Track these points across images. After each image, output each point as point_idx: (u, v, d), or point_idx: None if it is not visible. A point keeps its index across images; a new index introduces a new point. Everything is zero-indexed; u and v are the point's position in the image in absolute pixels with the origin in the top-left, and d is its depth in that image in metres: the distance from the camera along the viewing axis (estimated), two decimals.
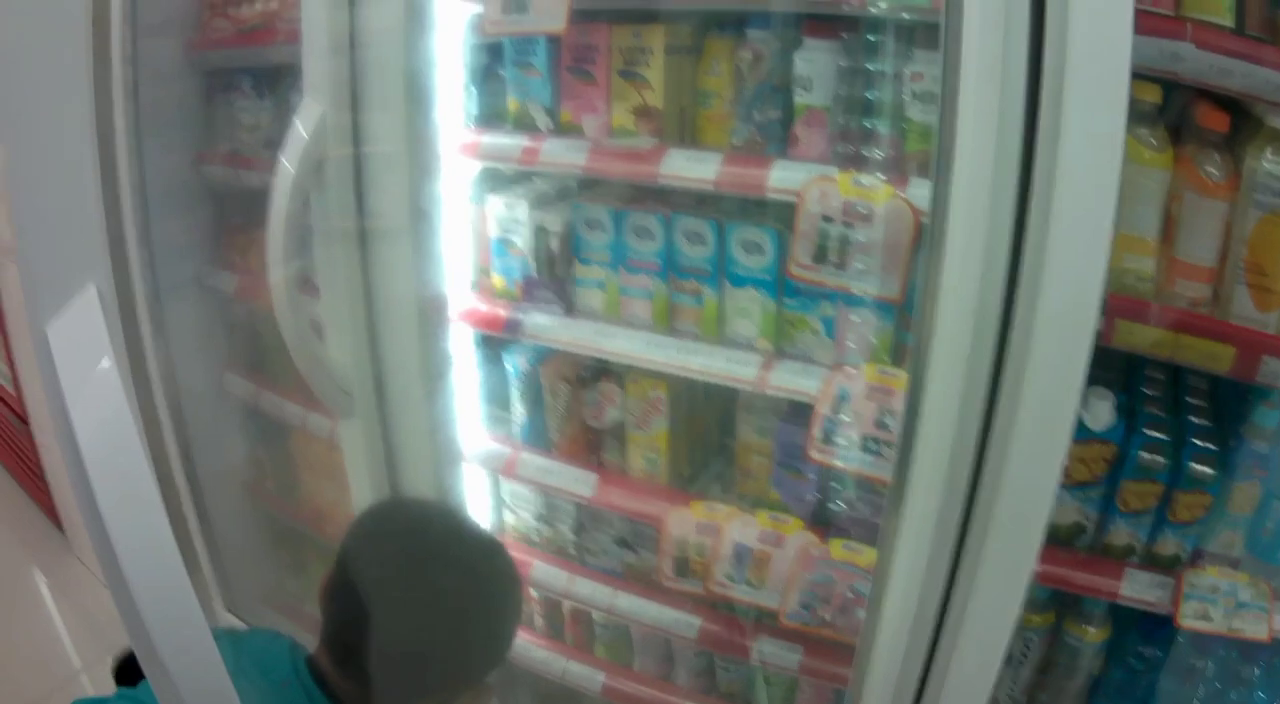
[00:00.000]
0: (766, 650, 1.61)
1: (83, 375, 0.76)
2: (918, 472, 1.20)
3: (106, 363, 0.75)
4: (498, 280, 1.75)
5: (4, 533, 4.14)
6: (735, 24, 1.48)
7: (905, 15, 1.35)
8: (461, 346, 1.80)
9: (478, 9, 1.54)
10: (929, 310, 1.10)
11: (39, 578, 3.69)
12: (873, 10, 1.35)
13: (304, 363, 1.58)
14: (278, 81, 2.00)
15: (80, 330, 0.77)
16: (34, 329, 0.81)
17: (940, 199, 1.07)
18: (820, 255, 1.40)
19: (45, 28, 0.89)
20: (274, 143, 1.66)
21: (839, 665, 1.52)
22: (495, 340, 1.81)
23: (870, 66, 1.40)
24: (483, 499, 1.91)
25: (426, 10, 1.53)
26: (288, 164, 1.46)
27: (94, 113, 0.83)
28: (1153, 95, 1.21)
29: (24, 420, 3.85)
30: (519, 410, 1.83)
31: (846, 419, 1.42)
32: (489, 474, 1.89)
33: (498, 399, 1.88)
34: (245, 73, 2.05)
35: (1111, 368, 1.45)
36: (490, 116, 1.69)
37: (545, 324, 1.70)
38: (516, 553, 1.89)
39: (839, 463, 1.43)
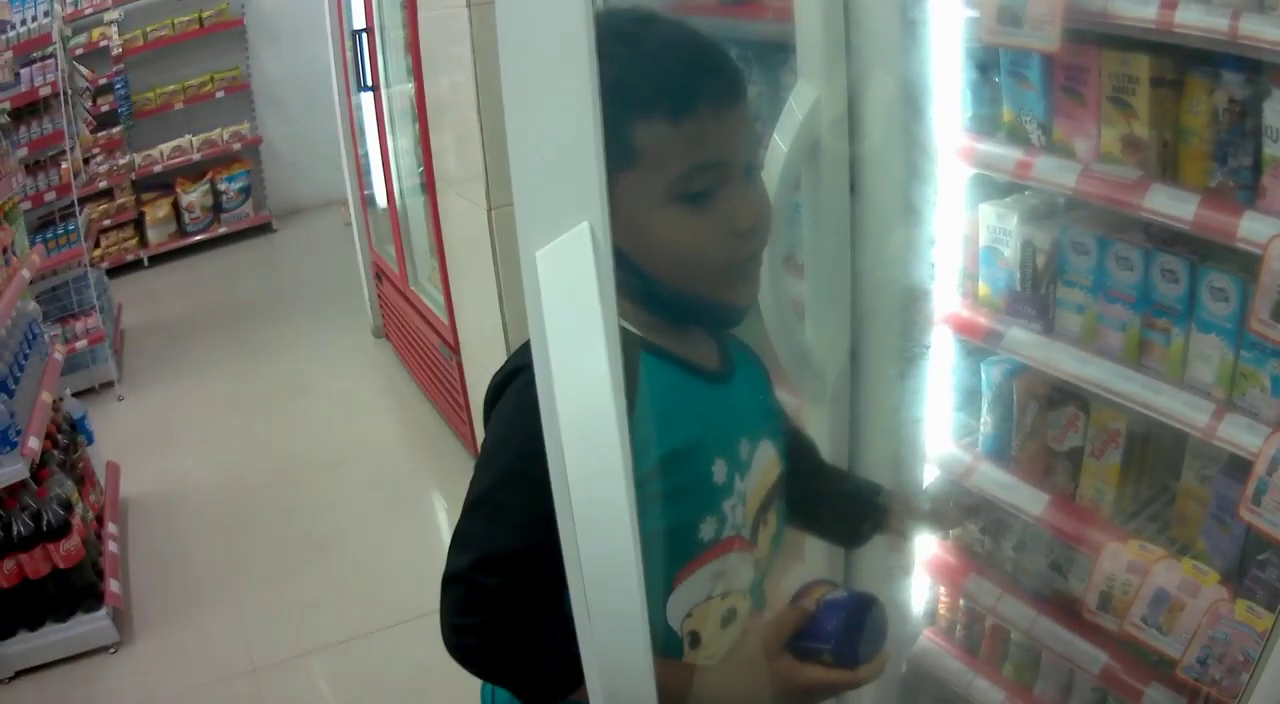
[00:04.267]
0: (1155, 698, 2.45)
1: (566, 303, 1.20)
2: None
3: (593, 292, 1.17)
4: (983, 289, 2.68)
5: (416, 456, 6.24)
6: (1214, 63, 2.21)
7: None
8: (940, 349, 2.76)
9: (975, 13, 2.40)
10: None
11: (439, 503, 5.65)
12: None
13: (781, 342, 2.51)
14: (765, 57, 2.90)
15: (570, 261, 1.20)
16: (524, 254, 1.23)
17: None
18: (1277, 312, 2.13)
19: None
20: (761, 118, 2.59)
21: None
22: (973, 348, 2.75)
23: None
24: None
25: (922, 7, 2.44)
26: (780, 143, 2.40)
27: (590, 59, 1.14)
28: None
29: (454, 350, 5.62)
30: (987, 421, 2.77)
31: (1277, 483, 2.16)
32: (946, 478, 2.85)
33: (967, 406, 2.83)
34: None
35: None
36: (984, 123, 2.60)
37: (1023, 340, 2.59)
38: (953, 559, 2.86)
39: (1265, 525, 2.17)
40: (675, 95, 1.60)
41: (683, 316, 1.78)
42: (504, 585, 1.65)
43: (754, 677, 1.71)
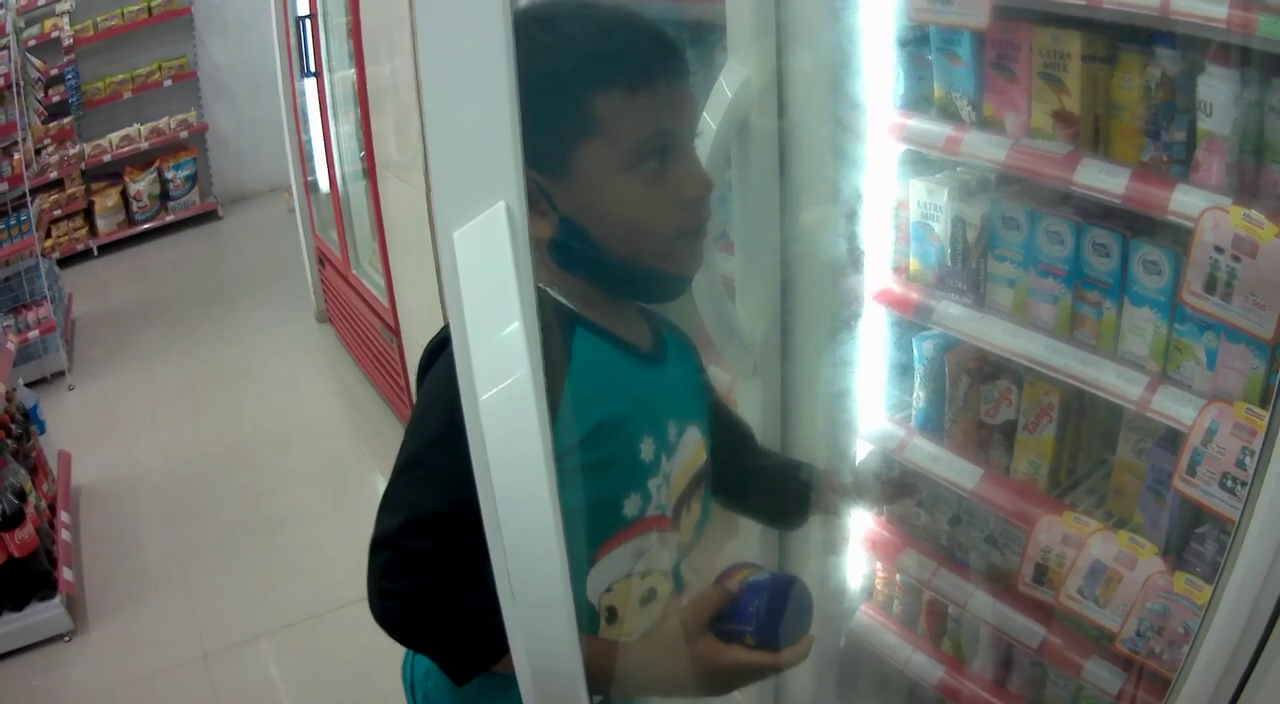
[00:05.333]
0: (1096, 671, 2.40)
1: (483, 282, 1.22)
2: (1262, 514, 1.89)
3: (509, 271, 1.19)
4: (914, 264, 2.64)
5: (359, 438, 6.26)
6: (1146, 40, 2.19)
7: None
8: (872, 324, 2.72)
9: None
10: None
11: (381, 484, 5.44)
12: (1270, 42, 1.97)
13: (711, 317, 2.47)
14: (696, 37, 2.88)
15: (486, 241, 1.21)
16: (442, 235, 1.26)
17: None
18: (1210, 285, 2.11)
19: None
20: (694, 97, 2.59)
21: (1156, 700, 2.26)
22: (905, 323, 2.71)
23: (1268, 100, 2.06)
24: None
25: None
26: (710, 120, 2.36)
27: (507, 42, 1.16)
28: None
29: (395, 332, 5.62)
30: (919, 395, 2.72)
31: (1212, 454, 2.15)
32: (879, 453, 2.78)
33: (900, 381, 2.78)
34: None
35: None
36: (916, 100, 2.56)
37: (954, 314, 2.55)
38: (889, 534, 2.80)
39: (1199, 496, 2.15)
40: (634, 67, 1.67)
41: (630, 288, 1.80)
42: (430, 548, 1.64)
43: (676, 656, 1.69)
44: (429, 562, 1.64)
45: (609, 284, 1.77)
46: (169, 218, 10.63)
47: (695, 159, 1.75)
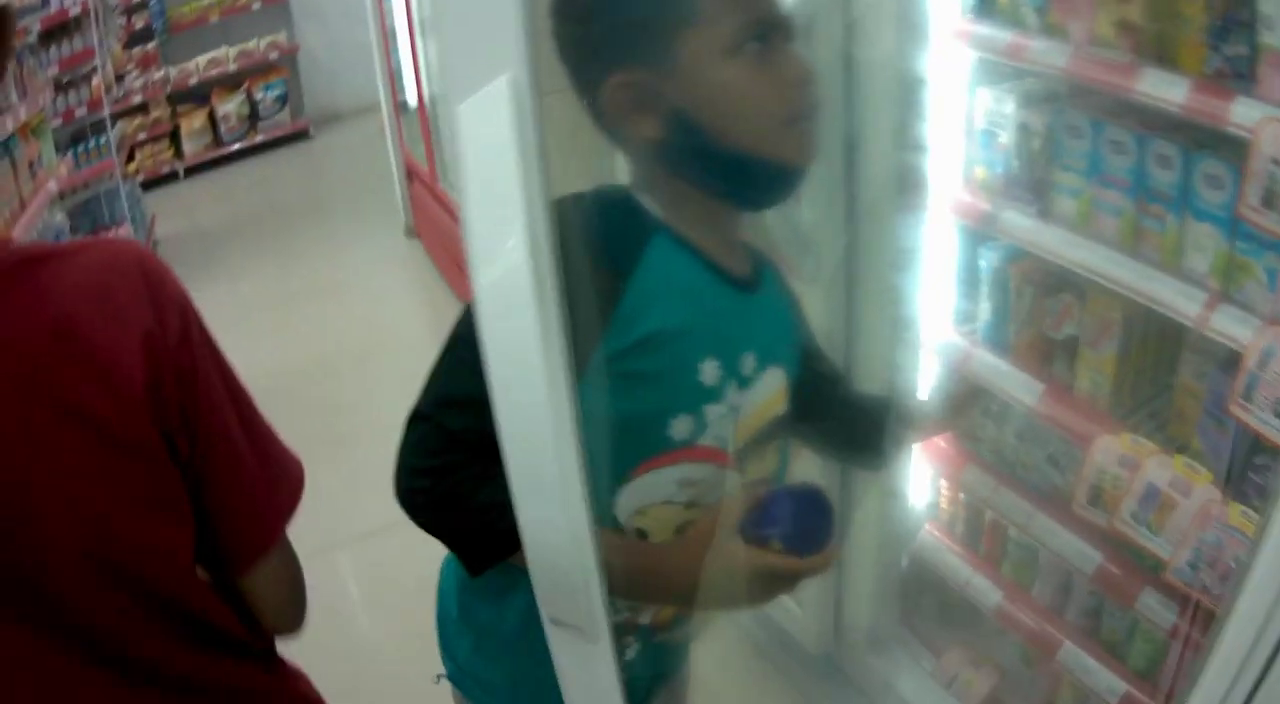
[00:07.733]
0: (1149, 604, 2.41)
1: (485, 156, 1.20)
2: None
3: (510, 145, 1.16)
4: (981, 172, 2.64)
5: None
6: None
7: None
8: (939, 233, 2.75)
9: None
10: None
11: None
12: None
13: (776, 217, 2.49)
14: None
15: (490, 115, 1.19)
16: (450, 108, 1.25)
17: None
18: (1268, 199, 2.07)
19: None
20: None
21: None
22: (972, 233, 2.72)
23: None
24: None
25: None
26: None
27: None
28: None
29: None
30: (984, 308, 2.73)
31: (1268, 379, 2.10)
32: (943, 366, 2.81)
33: (966, 293, 2.79)
34: None
35: None
36: (982, 5, 2.56)
37: (1019, 224, 2.56)
38: (951, 449, 2.81)
39: (1255, 423, 2.12)
40: None
41: (742, 185, 1.76)
42: (467, 429, 1.61)
43: (704, 557, 1.70)
44: (463, 442, 1.63)
45: (720, 184, 1.75)
46: (258, 138, 10.72)
47: (795, 48, 1.72)
